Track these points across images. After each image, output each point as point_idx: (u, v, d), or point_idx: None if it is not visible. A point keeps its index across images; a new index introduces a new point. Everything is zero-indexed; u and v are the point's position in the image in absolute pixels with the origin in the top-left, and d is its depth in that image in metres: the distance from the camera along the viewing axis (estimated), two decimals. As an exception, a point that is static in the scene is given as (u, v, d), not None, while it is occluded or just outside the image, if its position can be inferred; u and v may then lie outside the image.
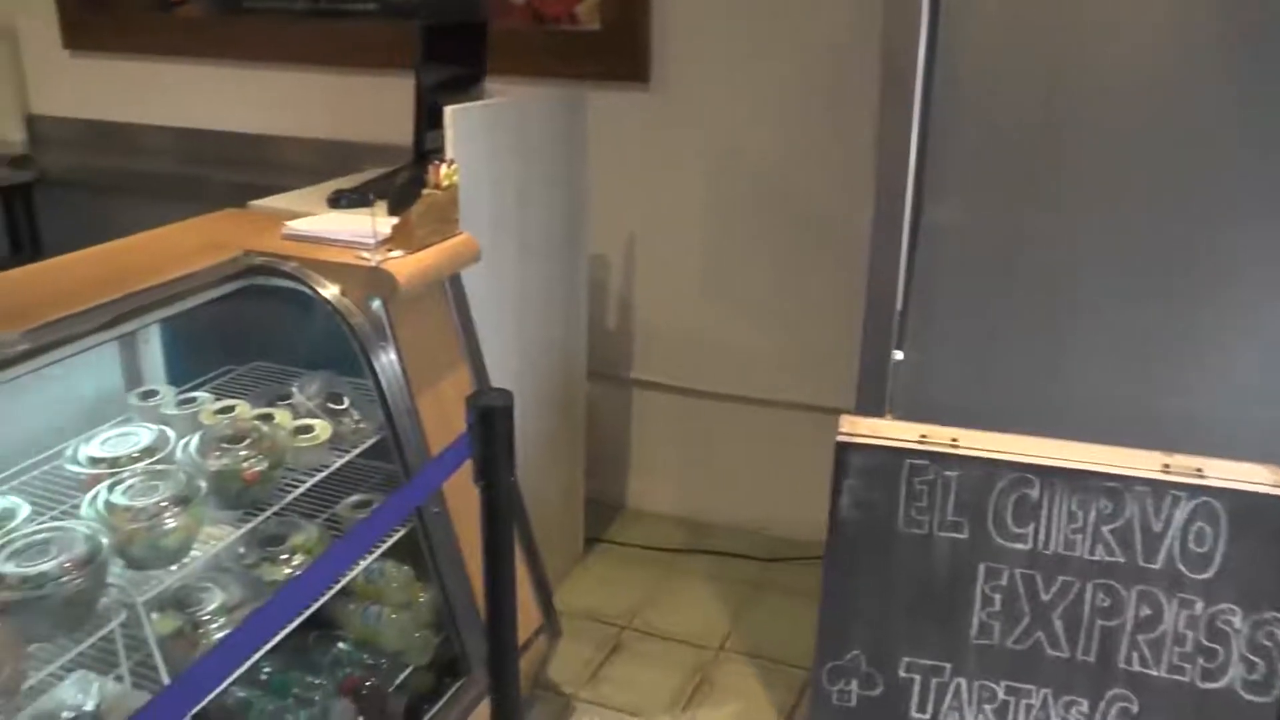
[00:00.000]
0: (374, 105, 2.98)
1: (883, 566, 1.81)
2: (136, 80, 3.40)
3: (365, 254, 1.78)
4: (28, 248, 3.38)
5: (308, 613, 1.58)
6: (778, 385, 2.80)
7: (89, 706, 1.56)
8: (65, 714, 1.54)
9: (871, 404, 1.93)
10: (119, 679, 1.62)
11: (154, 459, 1.69)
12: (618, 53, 2.69)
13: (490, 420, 1.46)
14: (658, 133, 2.73)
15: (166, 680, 1.55)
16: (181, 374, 2.05)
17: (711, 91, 2.66)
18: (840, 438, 1.81)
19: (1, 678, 1.32)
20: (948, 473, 1.77)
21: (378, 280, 1.75)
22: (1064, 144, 1.76)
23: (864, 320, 1.91)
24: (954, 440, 1.79)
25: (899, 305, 1.90)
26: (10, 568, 1.40)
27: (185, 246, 1.90)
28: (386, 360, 1.81)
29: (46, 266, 1.85)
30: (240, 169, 3.15)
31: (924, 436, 1.80)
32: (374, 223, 1.78)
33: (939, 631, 1.81)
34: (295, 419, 1.87)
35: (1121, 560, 1.72)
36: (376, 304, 1.79)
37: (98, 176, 3.27)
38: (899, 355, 1.93)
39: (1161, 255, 1.76)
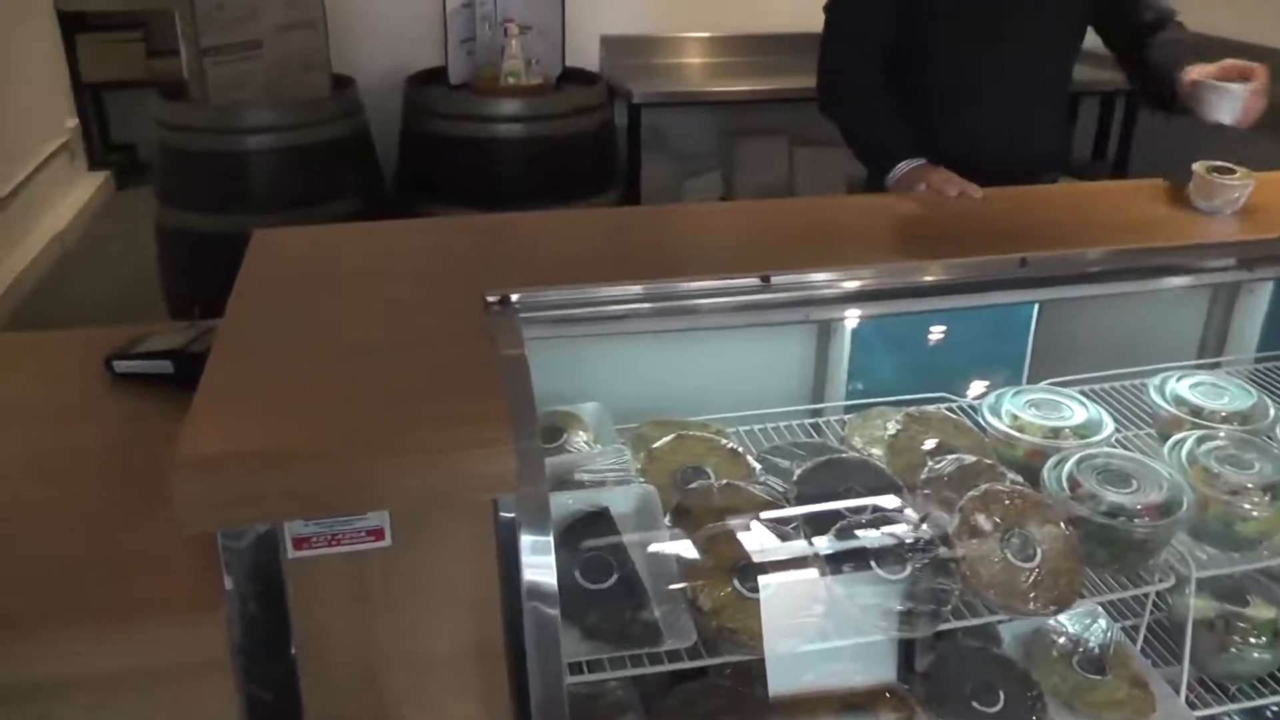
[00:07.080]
0: None
1: None
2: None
3: None
4: (1111, 156, 3.35)
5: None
6: None
7: (1092, 643, 1.47)
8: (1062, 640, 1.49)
9: None
10: (1126, 631, 1.53)
11: (1245, 426, 1.51)
12: None
13: None
14: None
15: (1186, 663, 1.41)
16: (1272, 336, 1.81)
17: None
18: None
19: (1059, 585, 1.29)
20: None
21: None
22: None
23: None
24: None
25: None
26: (1095, 486, 1.35)
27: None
28: None
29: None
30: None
31: None
32: None
33: None
34: None
35: None
36: None
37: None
38: None
39: None
